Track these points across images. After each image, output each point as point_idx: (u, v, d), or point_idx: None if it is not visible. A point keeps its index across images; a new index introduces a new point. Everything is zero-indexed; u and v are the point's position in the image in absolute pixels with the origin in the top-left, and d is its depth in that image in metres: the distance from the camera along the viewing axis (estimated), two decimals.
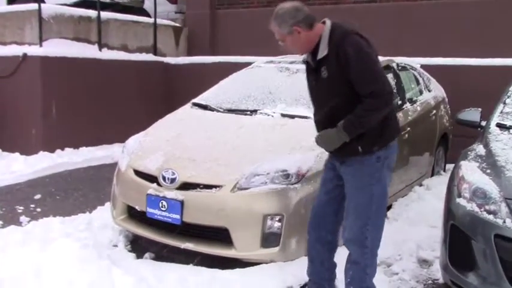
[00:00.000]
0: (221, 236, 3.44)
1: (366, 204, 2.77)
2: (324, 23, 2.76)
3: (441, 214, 4.65)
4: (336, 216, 2.97)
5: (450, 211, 3.08)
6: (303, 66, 4.85)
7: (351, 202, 2.82)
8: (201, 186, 3.49)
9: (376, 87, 2.61)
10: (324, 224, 2.98)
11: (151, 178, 3.68)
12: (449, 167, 6.63)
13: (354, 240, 2.80)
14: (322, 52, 2.68)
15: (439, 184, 5.59)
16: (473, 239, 2.86)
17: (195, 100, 4.73)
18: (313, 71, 2.82)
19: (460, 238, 2.95)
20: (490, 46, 7.01)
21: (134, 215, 3.86)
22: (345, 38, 2.63)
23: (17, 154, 6.87)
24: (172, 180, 3.55)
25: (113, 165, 4.38)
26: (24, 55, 6.96)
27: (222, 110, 4.37)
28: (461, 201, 3.00)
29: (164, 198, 3.52)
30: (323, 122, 2.80)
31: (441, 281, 3.48)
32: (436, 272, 3.68)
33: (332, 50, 2.65)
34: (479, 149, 3.45)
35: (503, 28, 7.17)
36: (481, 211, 2.87)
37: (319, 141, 2.83)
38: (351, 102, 2.64)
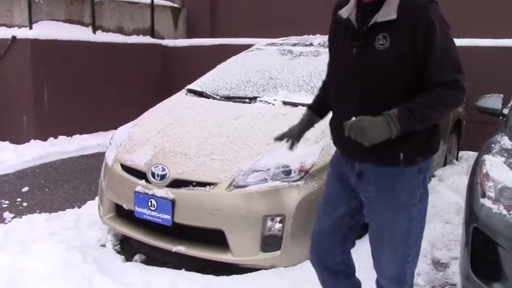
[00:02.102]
0: (216, 238, 3.11)
1: (405, 230, 2.10)
2: None
3: (456, 208, 4.36)
4: (344, 245, 2.33)
5: (472, 212, 2.72)
6: (307, 49, 4.58)
7: (384, 229, 2.13)
8: (194, 183, 3.15)
9: (458, 76, 1.93)
10: (330, 255, 2.34)
11: (140, 174, 3.35)
12: (461, 154, 6.30)
13: (396, 277, 2.19)
14: (387, 14, 1.94)
15: (452, 175, 5.27)
16: (500, 246, 2.52)
17: (190, 86, 4.38)
18: (356, 36, 2.03)
19: (485, 244, 2.61)
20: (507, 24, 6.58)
21: (122, 213, 3.53)
22: (428, 5, 1.93)
23: (6, 143, 6.59)
24: (162, 177, 3.21)
25: None
26: (13, 38, 6.61)
27: (218, 98, 4.02)
28: (486, 201, 2.65)
29: (153, 196, 3.19)
30: (352, 111, 1.97)
31: (459, 286, 3.16)
32: (453, 276, 3.36)
33: (405, 16, 1.92)
34: (504, 141, 3.08)
35: None
36: (509, 214, 2.52)
37: (356, 129, 1.90)
38: (407, 91, 1.95)
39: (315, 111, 2.46)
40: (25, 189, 5.09)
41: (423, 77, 1.94)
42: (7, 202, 4.71)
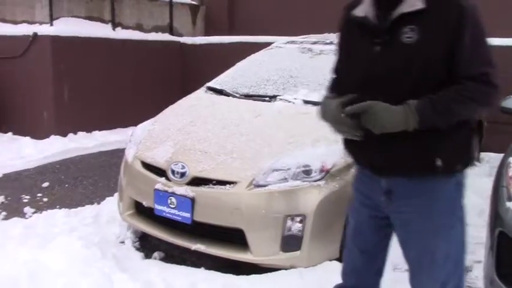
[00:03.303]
0: (236, 237, 3.09)
1: (444, 256, 1.86)
2: None
3: (478, 210, 4.28)
4: (377, 273, 2.15)
5: (498, 216, 2.67)
6: (327, 47, 4.53)
7: (421, 255, 1.89)
8: (214, 182, 3.13)
9: (488, 69, 1.74)
10: (362, 279, 2.15)
11: (160, 171, 3.35)
12: (483, 155, 6.20)
13: None
14: (414, 4, 1.75)
15: (473, 176, 5.16)
16: None
17: (210, 84, 4.36)
18: (377, 32, 1.83)
19: (510, 248, 2.55)
20: None
21: (142, 210, 3.53)
22: None
23: (27, 138, 6.65)
24: (182, 175, 3.20)
25: None
26: (35, 35, 6.68)
27: (238, 96, 3.99)
28: None
29: (173, 194, 3.19)
30: None
31: None
32: (476, 280, 3.30)
33: (434, 4, 1.75)
34: None
35: None
36: None
37: (370, 113, 1.74)
38: (439, 88, 1.74)
39: None
40: (45, 184, 5.13)
41: (452, 70, 1.75)
42: (28, 197, 4.75)
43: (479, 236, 3.70)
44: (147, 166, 3.46)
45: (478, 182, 4.99)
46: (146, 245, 3.67)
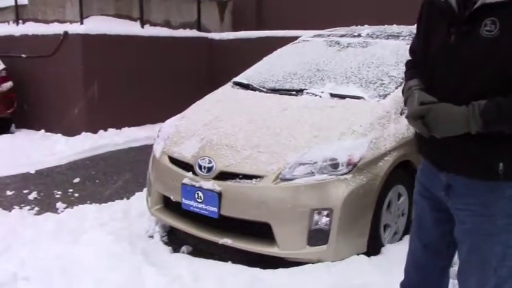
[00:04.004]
0: (263, 231, 3.09)
1: (499, 260, 1.75)
2: None
3: None
4: (441, 272, 2.08)
5: None
6: (355, 40, 4.47)
7: (475, 256, 1.81)
8: (241, 176, 3.13)
9: None
10: (425, 276, 2.09)
11: (187, 166, 3.37)
12: None
13: None
14: None
15: None
16: None
17: (236, 79, 4.36)
18: (456, 21, 1.73)
19: None
20: None
21: (170, 205, 3.57)
22: None
23: (59, 135, 6.81)
24: (209, 169, 3.22)
25: None
26: (65, 33, 6.82)
27: (265, 90, 3.98)
28: None
29: (200, 188, 3.21)
30: None
31: None
32: None
33: None
34: None
35: None
36: None
37: (431, 114, 1.68)
38: (509, 91, 1.61)
39: None
40: (76, 180, 5.24)
41: None
42: (59, 193, 4.86)
43: None
44: (175, 161, 3.49)
45: None
46: (174, 239, 3.71)
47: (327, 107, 3.51)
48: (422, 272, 2.09)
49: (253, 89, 4.06)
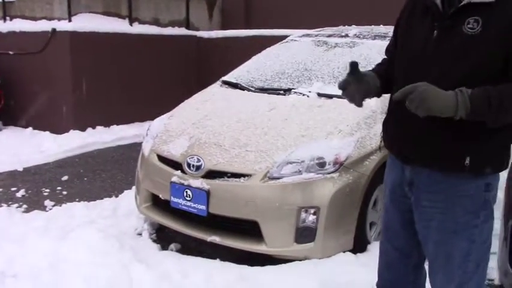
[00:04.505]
0: (250, 229, 3.13)
1: (464, 255, 1.82)
2: None
3: (497, 204, 4.26)
4: (415, 268, 2.11)
5: (511, 208, 2.67)
6: (342, 40, 4.52)
7: (440, 252, 1.87)
8: (229, 174, 3.18)
9: None
10: (399, 275, 2.12)
11: (176, 165, 3.40)
12: None
13: None
14: None
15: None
16: None
17: (225, 78, 4.39)
18: (439, 17, 1.79)
19: None
20: None
21: (158, 203, 3.59)
22: None
23: (47, 133, 6.79)
24: (198, 168, 3.25)
25: None
26: (53, 30, 6.79)
27: (253, 89, 4.02)
28: None
29: (189, 187, 3.24)
30: None
31: (497, 282, 3.10)
32: (490, 271, 3.28)
33: (505, 0, 1.69)
34: None
35: None
36: None
37: (418, 92, 1.66)
38: (488, 85, 1.67)
39: (380, 75, 2.05)
40: (65, 178, 5.24)
41: (506, 70, 1.68)
42: (48, 190, 4.86)
43: (496, 228, 3.70)
44: (163, 159, 3.52)
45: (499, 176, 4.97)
46: (163, 237, 3.74)
47: (314, 107, 3.55)
48: (394, 271, 2.12)
49: (242, 88, 4.09)
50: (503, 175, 4.51)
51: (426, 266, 2.11)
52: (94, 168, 5.65)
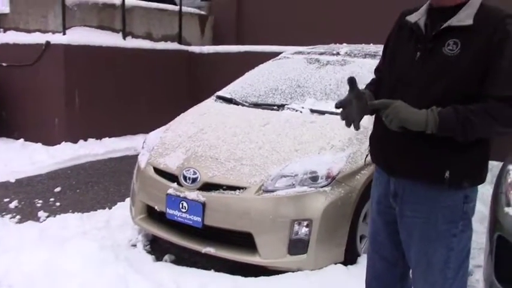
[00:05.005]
0: (245, 241, 3.21)
1: (443, 262, 1.96)
2: None
3: (480, 217, 4.38)
4: (401, 278, 2.23)
5: (497, 221, 2.78)
6: (334, 58, 4.65)
7: (421, 259, 2.01)
8: (224, 187, 3.26)
9: None
10: (386, 285, 2.24)
11: (172, 177, 3.48)
12: None
13: None
14: (463, 20, 1.86)
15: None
16: None
17: (219, 93, 4.49)
18: (422, 39, 1.95)
19: (508, 251, 2.66)
20: None
21: (154, 215, 3.66)
22: (507, 19, 1.84)
23: (39, 145, 6.79)
24: (194, 180, 3.33)
25: (136, 157, 4.18)
26: (47, 43, 6.84)
27: (247, 104, 4.13)
28: (511, 210, 2.71)
29: (185, 199, 3.31)
30: None
31: None
32: (476, 283, 3.40)
33: (481, 24, 1.84)
34: None
35: None
36: None
37: (392, 107, 1.83)
38: (466, 102, 1.82)
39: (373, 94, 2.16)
40: (57, 189, 5.26)
41: (482, 90, 1.82)
42: (41, 201, 4.88)
43: (481, 242, 3.81)
44: (160, 172, 3.59)
45: (480, 189, 5.09)
46: (157, 248, 3.79)
47: (307, 122, 3.66)
48: (382, 280, 2.24)
49: (236, 103, 4.19)
50: (484, 189, 4.63)
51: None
52: (86, 180, 5.69)
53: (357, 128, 1.93)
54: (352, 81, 1.92)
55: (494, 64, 1.81)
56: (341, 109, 1.97)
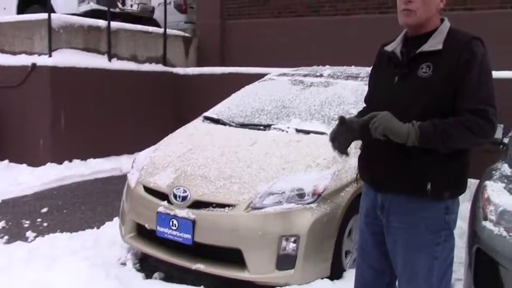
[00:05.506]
0: (234, 257, 3.29)
1: (427, 270, 2.11)
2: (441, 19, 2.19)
3: (460, 232, 4.52)
4: (388, 287, 2.38)
5: (475, 234, 2.92)
6: (317, 80, 4.82)
7: (406, 267, 2.16)
8: (214, 205, 3.35)
9: (488, 108, 2.00)
10: None
11: (162, 195, 3.56)
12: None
13: None
14: (434, 45, 2.08)
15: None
16: (501, 265, 2.70)
17: (207, 114, 4.61)
18: (399, 65, 2.17)
19: (487, 263, 2.79)
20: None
21: (143, 233, 3.73)
22: (473, 41, 2.05)
23: (24, 165, 6.81)
24: (184, 198, 3.42)
25: (121, 178, 4.27)
26: (33, 65, 6.90)
27: (234, 125, 4.25)
28: (488, 224, 2.84)
29: (175, 216, 3.39)
30: None
31: None
32: None
33: (450, 47, 2.05)
34: (504, 168, 3.29)
35: None
36: (509, 235, 2.71)
37: (379, 117, 2.01)
38: (441, 118, 2.02)
39: None
40: (44, 210, 5.28)
41: (455, 105, 2.02)
42: (28, 222, 4.90)
43: (461, 256, 3.94)
44: (150, 191, 3.67)
45: (461, 207, 5.25)
46: (146, 266, 3.84)
47: (293, 141, 3.79)
48: None
49: (224, 123, 4.31)
50: (463, 207, 4.78)
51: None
52: (73, 200, 5.72)
53: (344, 152, 2.21)
54: (341, 120, 2.16)
55: (464, 81, 2.01)
56: (333, 141, 2.21)
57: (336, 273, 3.41)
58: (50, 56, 7.06)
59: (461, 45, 2.05)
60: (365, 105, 2.52)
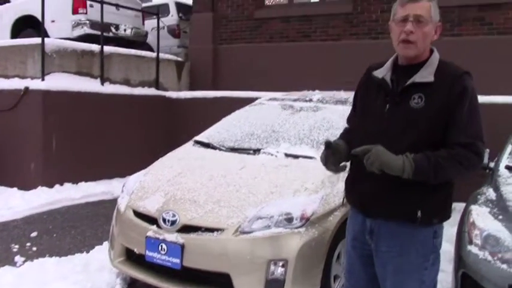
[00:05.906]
0: (223, 282, 3.29)
1: None
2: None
3: (448, 257, 4.54)
4: None
5: (461, 259, 2.96)
6: (307, 104, 4.89)
7: None
8: (203, 229, 3.36)
9: (477, 142, 2.07)
10: None
11: (151, 220, 3.57)
12: (454, 205, 6.50)
13: None
14: (425, 77, 2.12)
15: (445, 225, 5.46)
16: None
17: (197, 138, 4.65)
18: (390, 94, 2.20)
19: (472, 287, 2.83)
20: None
21: (132, 257, 3.72)
22: (464, 75, 2.13)
23: (14, 189, 6.79)
24: (173, 223, 3.43)
25: (112, 202, 4.27)
26: (26, 89, 6.95)
27: (224, 149, 4.29)
28: (473, 248, 2.89)
29: (164, 241, 3.40)
30: None
31: None
32: None
33: (442, 80, 2.11)
34: (489, 192, 3.35)
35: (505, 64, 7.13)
36: (494, 260, 2.76)
37: (373, 152, 2.05)
38: (433, 150, 2.07)
39: (347, 142, 2.40)
40: (34, 234, 5.26)
41: (446, 138, 2.08)
42: (17, 246, 4.87)
43: (449, 281, 3.96)
44: (139, 215, 3.68)
45: (448, 231, 5.27)
46: None
47: (282, 166, 3.83)
48: None
49: (214, 147, 4.35)
50: (452, 230, 4.80)
51: None
52: (63, 224, 5.70)
53: (340, 171, 2.31)
54: (326, 144, 2.28)
55: (455, 115, 2.07)
56: (325, 164, 2.32)
57: None
58: (43, 79, 7.12)
59: (453, 79, 2.11)
60: (347, 125, 2.56)
